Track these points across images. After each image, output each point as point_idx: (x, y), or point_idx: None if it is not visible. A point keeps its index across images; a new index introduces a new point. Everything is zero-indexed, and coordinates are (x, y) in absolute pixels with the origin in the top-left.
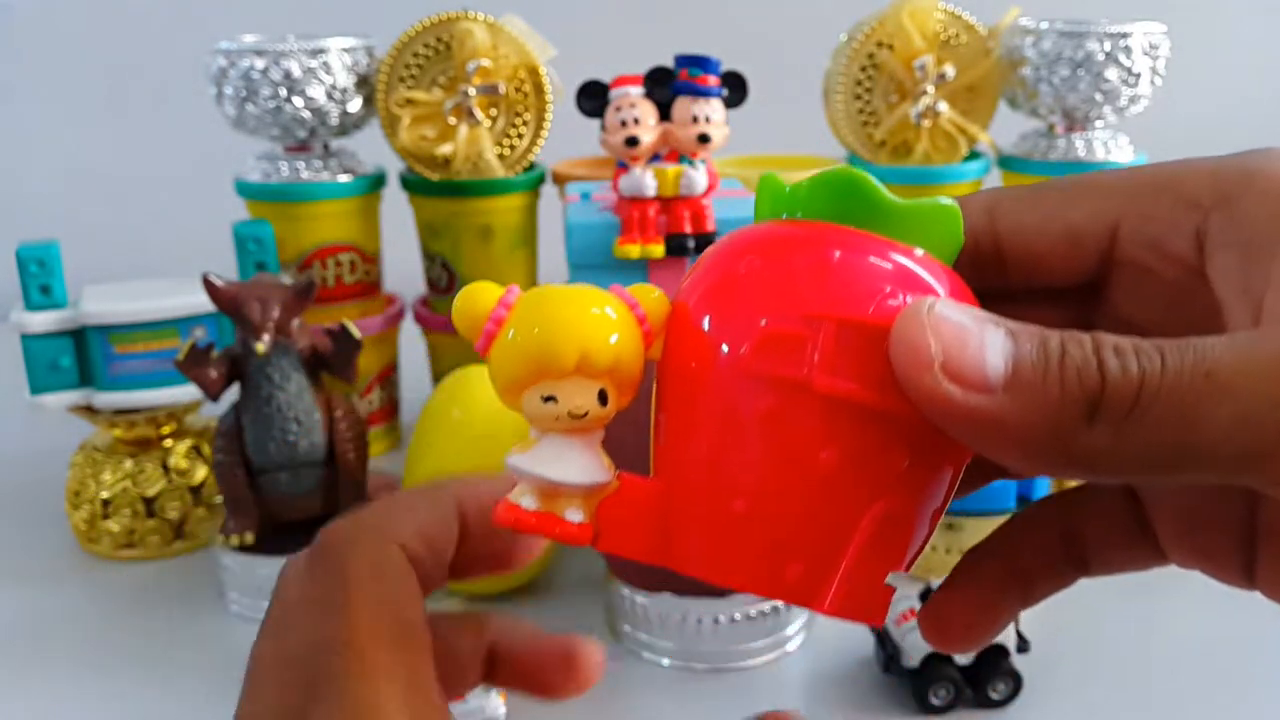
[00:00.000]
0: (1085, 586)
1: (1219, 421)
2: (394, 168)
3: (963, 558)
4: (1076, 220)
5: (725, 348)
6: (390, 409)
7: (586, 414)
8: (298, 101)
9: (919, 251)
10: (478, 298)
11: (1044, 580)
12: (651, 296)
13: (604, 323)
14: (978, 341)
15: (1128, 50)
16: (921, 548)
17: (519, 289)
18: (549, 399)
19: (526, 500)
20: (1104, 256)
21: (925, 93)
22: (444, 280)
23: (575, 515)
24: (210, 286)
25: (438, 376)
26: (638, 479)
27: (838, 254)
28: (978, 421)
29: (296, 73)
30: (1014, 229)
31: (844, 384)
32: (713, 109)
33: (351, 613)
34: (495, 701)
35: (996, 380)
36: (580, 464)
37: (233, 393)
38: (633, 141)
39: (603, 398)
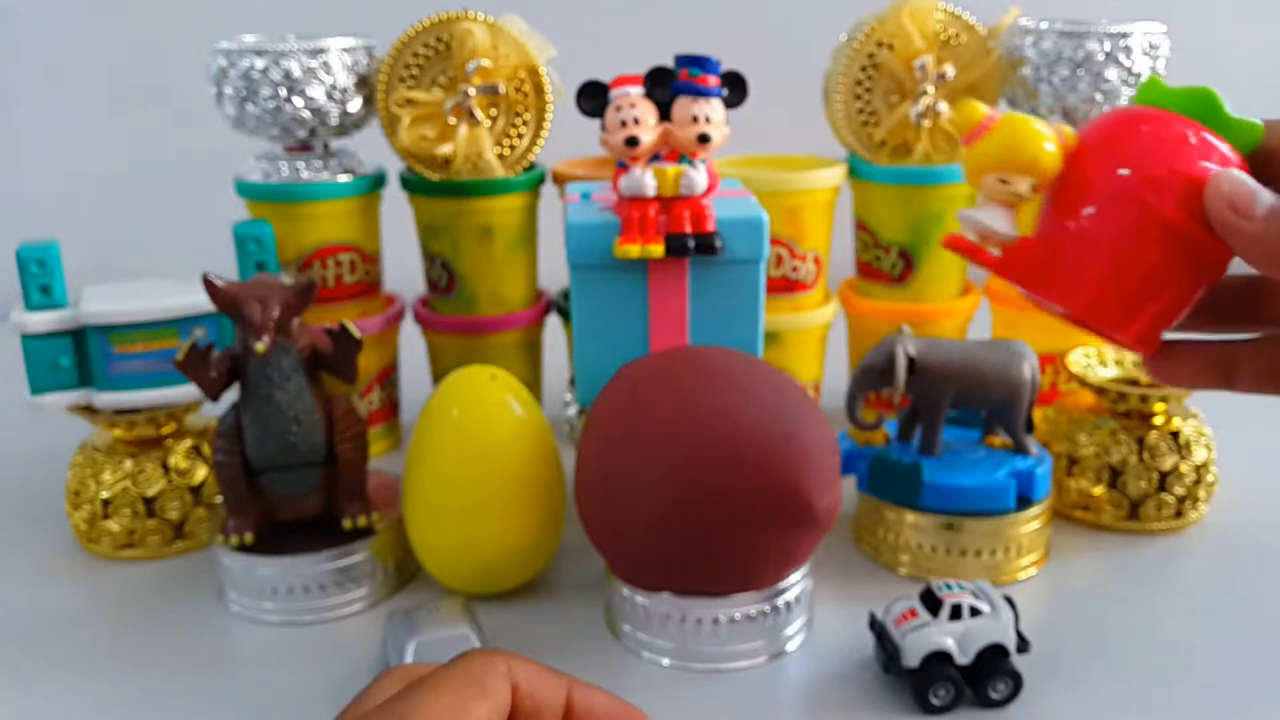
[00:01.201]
0: (1084, 586)
1: None
2: (394, 168)
3: (1188, 341)
4: None
5: (1120, 174)
6: (390, 409)
7: (1022, 195)
8: (298, 101)
9: (1226, 143)
10: (976, 109)
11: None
12: (1068, 133)
13: (1052, 141)
14: (1254, 193)
15: (1128, 50)
16: (1164, 330)
17: (999, 114)
18: (1004, 181)
19: (970, 236)
20: None
21: (925, 93)
22: (444, 280)
23: (995, 251)
24: (210, 286)
25: (438, 376)
26: (1029, 240)
27: (1192, 135)
28: (1248, 238)
29: (296, 73)
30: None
31: (1180, 216)
32: (713, 109)
33: None
34: None
35: (1261, 214)
36: (1008, 223)
37: (233, 393)
38: (633, 141)
39: (1027, 190)
